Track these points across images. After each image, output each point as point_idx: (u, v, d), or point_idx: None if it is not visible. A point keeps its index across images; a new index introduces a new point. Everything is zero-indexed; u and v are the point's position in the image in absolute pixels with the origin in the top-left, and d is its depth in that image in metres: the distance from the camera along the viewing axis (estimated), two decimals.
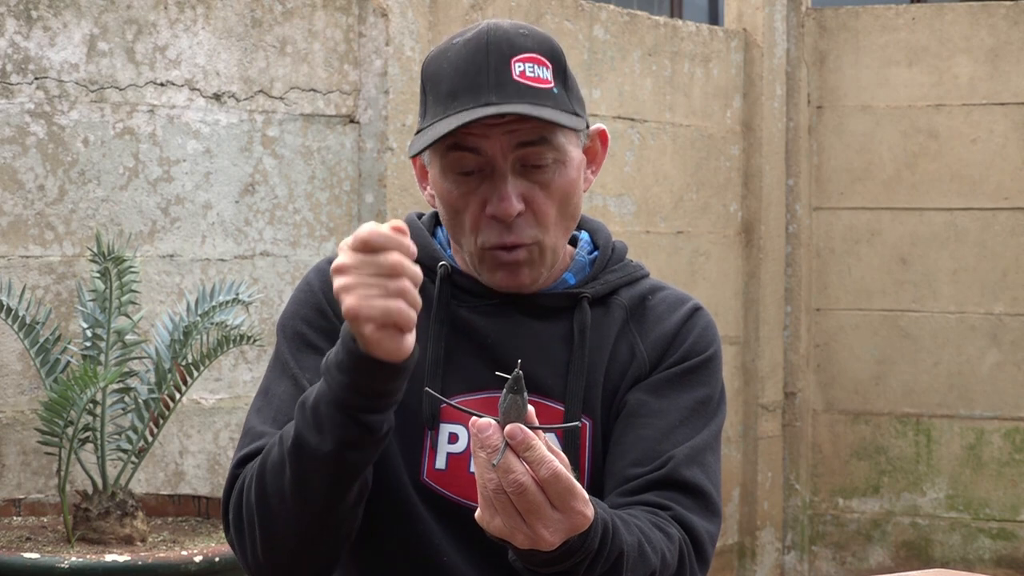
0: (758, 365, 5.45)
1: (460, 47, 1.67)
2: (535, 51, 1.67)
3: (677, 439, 1.70)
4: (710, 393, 1.76)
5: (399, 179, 4.17)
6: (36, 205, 3.74)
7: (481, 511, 1.40)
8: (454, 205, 1.69)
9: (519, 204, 1.66)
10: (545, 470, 1.35)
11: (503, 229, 1.67)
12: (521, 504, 1.36)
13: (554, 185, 1.68)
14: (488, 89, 1.64)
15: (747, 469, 5.49)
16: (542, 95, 1.65)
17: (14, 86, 3.71)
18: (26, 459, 3.72)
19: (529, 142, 1.66)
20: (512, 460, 1.35)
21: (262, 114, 4.06)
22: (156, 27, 3.89)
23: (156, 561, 3.10)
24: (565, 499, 1.38)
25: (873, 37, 5.59)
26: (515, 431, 1.35)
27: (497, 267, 1.70)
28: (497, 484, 1.36)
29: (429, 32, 4.32)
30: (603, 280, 1.78)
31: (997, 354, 5.45)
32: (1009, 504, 5.45)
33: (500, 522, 1.38)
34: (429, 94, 1.71)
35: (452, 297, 1.75)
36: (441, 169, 1.70)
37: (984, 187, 5.46)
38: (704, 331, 1.78)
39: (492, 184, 1.67)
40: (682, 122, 5.23)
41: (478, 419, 1.36)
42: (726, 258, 5.41)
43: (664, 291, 1.81)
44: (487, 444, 1.35)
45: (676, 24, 5.25)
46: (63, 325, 3.68)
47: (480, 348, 1.73)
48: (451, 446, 1.71)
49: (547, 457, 1.36)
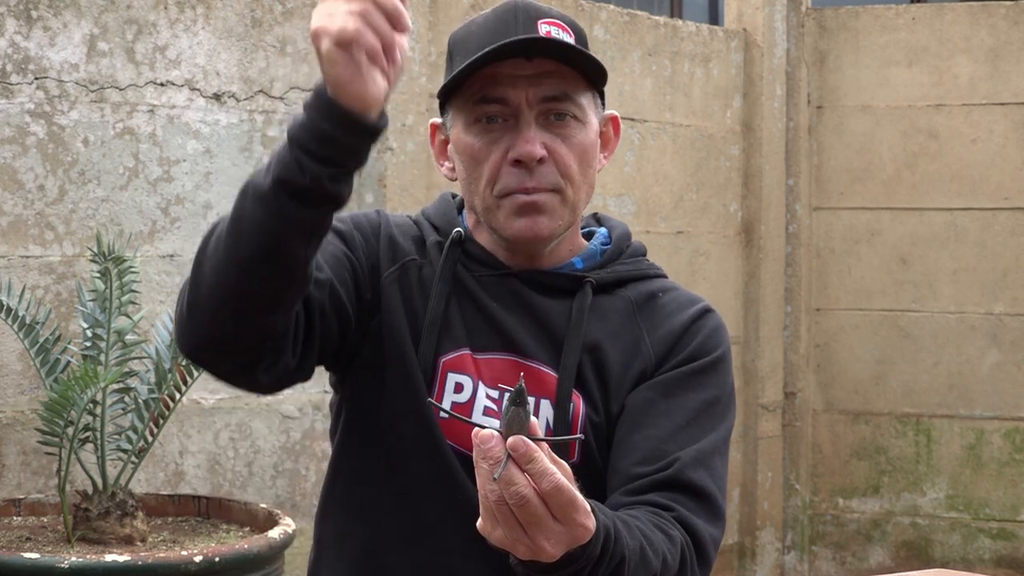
0: (758, 365, 5.45)
1: (489, 14, 1.75)
2: (561, 20, 1.74)
3: (683, 440, 1.70)
4: (718, 395, 1.76)
5: (399, 179, 4.17)
6: (36, 205, 3.74)
7: (483, 521, 1.40)
8: (476, 156, 1.72)
9: (542, 150, 1.70)
10: (547, 483, 1.35)
11: (524, 174, 1.70)
12: (523, 516, 1.36)
13: (575, 140, 1.73)
14: (516, 36, 1.69)
15: (747, 469, 5.49)
16: (564, 46, 1.71)
17: (14, 86, 3.71)
18: (26, 459, 3.72)
19: (554, 96, 1.71)
20: (514, 472, 1.35)
21: (262, 114, 4.06)
22: (156, 27, 3.89)
23: (156, 561, 3.10)
24: (567, 511, 1.37)
25: (873, 37, 5.59)
26: (518, 443, 1.34)
27: (515, 212, 1.72)
28: (499, 496, 1.35)
29: (429, 32, 4.32)
30: (611, 269, 1.80)
31: (997, 354, 5.45)
32: (1009, 504, 5.45)
33: (501, 533, 1.38)
34: (456, 57, 1.75)
35: (460, 263, 1.77)
36: (465, 123, 1.73)
37: (984, 187, 5.46)
38: (714, 332, 1.79)
39: (516, 131, 1.70)
40: (682, 122, 5.23)
41: (480, 431, 1.36)
42: (726, 258, 5.41)
43: (676, 291, 1.83)
44: (489, 456, 1.35)
45: (676, 24, 5.25)
46: (63, 325, 3.68)
47: (483, 312, 1.76)
48: (456, 395, 1.74)
49: (549, 469, 1.35)
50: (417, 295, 1.77)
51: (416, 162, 4.21)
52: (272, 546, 3.27)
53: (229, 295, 1.54)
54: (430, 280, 1.77)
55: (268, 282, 1.54)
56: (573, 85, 1.72)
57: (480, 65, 1.69)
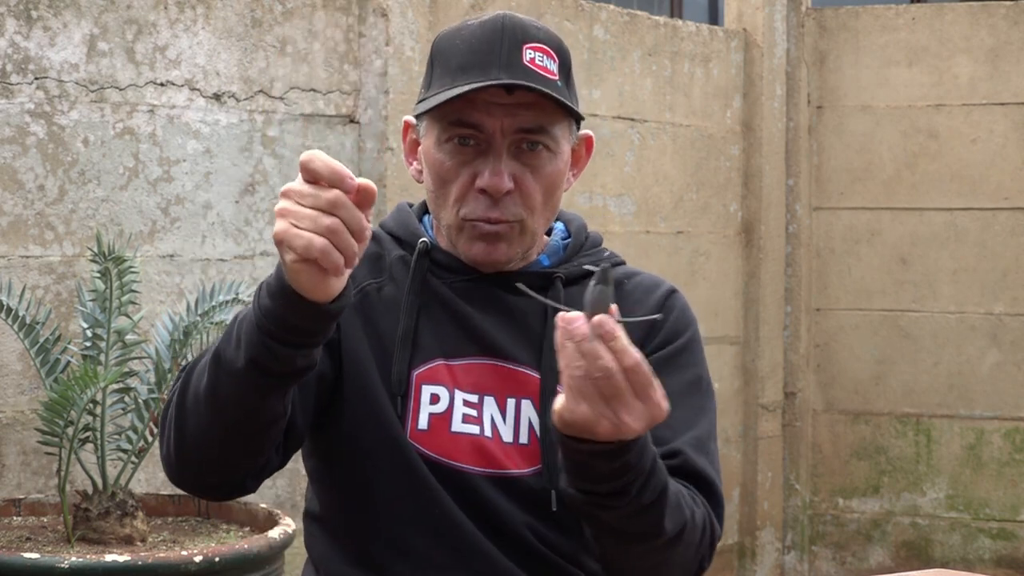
0: (758, 365, 5.44)
1: (475, 27, 1.73)
2: (546, 43, 1.73)
3: (676, 425, 1.71)
4: (699, 373, 1.81)
5: (399, 179, 4.17)
6: (36, 205, 3.74)
7: (566, 401, 1.44)
8: (443, 176, 1.73)
9: (510, 182, 1.71)
10: (629, 358, 1.42)
11: (489, 204, 1.72)
12: (607, 390, 1.42)
13: (544, 171, 1.73)
14: (498, 68, 1.69)
15: (747, 469, 5.49)
16: (548, 84, 1.70)
17: (14, 86, 3.71)
18: (26, 459, 3.72)
19: (528, 129, 1.71)
20: (599, 347, 1.41)
21: (262, 114, 4.06)
22: (156, 27, 3.89)
23: (156, 561, 3.10)
24: (646, 388, 1.43)
25: (873, 37, 5.58)
26: (604, 320, 1.41)
27: (476, 238, 1.73)
28: (584, 371, 1.41)
29: (429, 32, 4.32)
30: (577, 263, 1.83)
31: (997, 354, 5.45)
32: (1009, 504, 5.45)
33: (586, 408, 1.43)
34: (437, 67, 1.75)
35: (430, 272, 1.78)
36: (437, 139, 1.73)
37: (984, 187, 5.46)
38: (682, 313, 1.83)
39: (486, 159, 1.71)
40: (682, 122, 5.23)
41: (566, 313, 1.42)
42: (726, 258, 5.41)
43: (639, 276, 1.86)
44: (575, 334, 1.41)
45: (676, 24, 5.25)
46: (63, 325, 3.68)
47: (457, 318, 1.77)
48: (432, 407, 1.74)
49: (631, 347, 1.42)
50: (380, 316, 1.77)
51: None
52: (272, 546, 3.27)
53: (214, 449, 1.63)
54: (392, 298, 1.77)
55: (252, 437, 1.62)
56: (550, 118, 1.72)
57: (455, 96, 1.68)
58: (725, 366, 5.31)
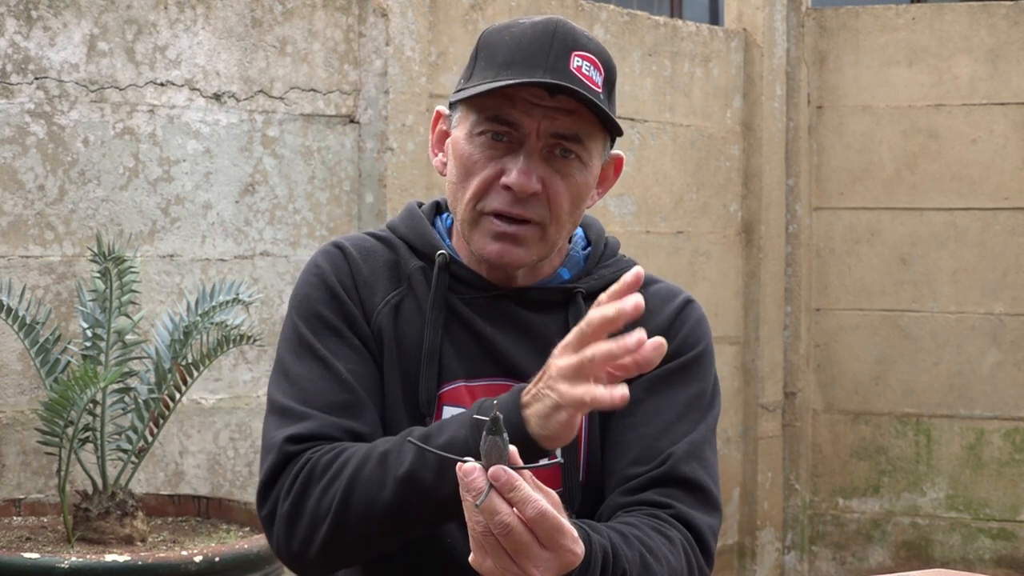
0: (758, 365, 5.45)
1: (527, 26, 1.71)
2: (595, 55, 1.71)
3: (675, 436, 1.71)
4: (704, 387, 1.78)
5: (399, 179, 4.17)
6: (36, 205, 3.74)
7: (474, 554, 1.40)
8: (469, 167, 1.71)
9: (537, 184, 1.68)
10: (531, 509, 1.34)
11: (512, 200, 1.69)
12: (509, 544, 1.36)
13: (573, 181, 1.71)
14: (544, 70, 1.66)
15: (747, 469, 5.49)
16: (592, 94, 1.68)
17: (14, 86, 3.71)
18: (26, 459, 3.72)
19: (565, 135, 1.69)
20: (497, 501, 1.34)
21: (262, 114, 4.06)
22: (156, 27, 3.89)
23: (156, 561, 3.10)
24: (553, 537, 1.37)
25: (873, 37, 5.59)
26: (498, 472, 1.34)
27: (493, 237, 1.71)
28: (484, 526, 1.35)
29: (429, 32, 4.32)
30: (597, 275, 1.80)
31: (997, 354, 5.45)
32: (1009, 504, 5.45)
33: (491, 564, 1.38)
34: (481, 59, 1.72)
35: (449, 287, 1.76)
36: (470, 131, 1.71)
37: (984, 187, 5.46)
38: (696, 325, 1.80)
39: (516, 157, 1.69)
40: (682, 122, 5.23)
41: (463, 464, 1.36)
42: (726, 258, 5.41)
43: (656, 285, 1.83)
44: (472, 487, 1.35)
45: (676, 24, 5.25)
46: (63, 325, 3.68)
47: (476, 337, 1.75)
48: None
49: (532, 496, 1.35)
50: (403, 332, 1.75)
51: (416, 162, 4.21)
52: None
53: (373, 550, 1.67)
54: (413, 312, 1.75)
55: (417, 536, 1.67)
56: (588, 128, 1.70)
57: (498, 87, 1.67)
58: (725, 366, 5.30)
